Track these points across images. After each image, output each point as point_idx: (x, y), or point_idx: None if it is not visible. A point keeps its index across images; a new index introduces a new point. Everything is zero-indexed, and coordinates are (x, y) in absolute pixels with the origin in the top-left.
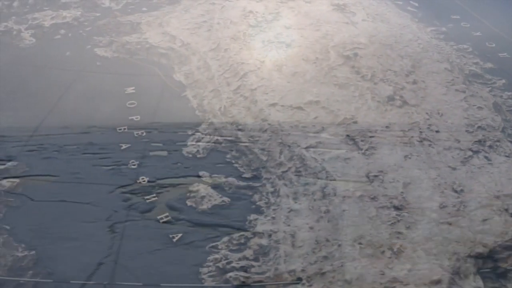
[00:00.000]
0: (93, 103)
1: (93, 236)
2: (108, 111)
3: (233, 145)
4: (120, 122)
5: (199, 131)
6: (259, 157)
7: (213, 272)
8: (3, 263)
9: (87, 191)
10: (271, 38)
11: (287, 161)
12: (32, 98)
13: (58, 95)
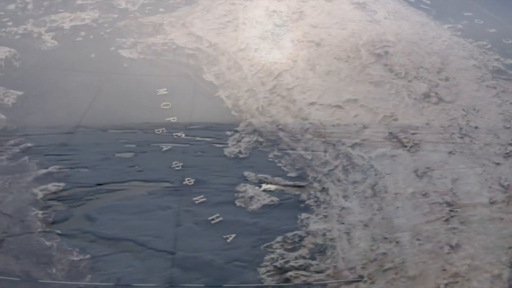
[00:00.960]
0: (127, 104)
1: (149, 237)
2: (143, 112)
3: (274, 145)
4: (157, 124)
5: (238, 131)
6: (303, 156)
7: (271, 271)
8: (60, 268)
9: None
10: (299, 37)
11: (333, 159)
12: (64, 101)
13: (91, 97)
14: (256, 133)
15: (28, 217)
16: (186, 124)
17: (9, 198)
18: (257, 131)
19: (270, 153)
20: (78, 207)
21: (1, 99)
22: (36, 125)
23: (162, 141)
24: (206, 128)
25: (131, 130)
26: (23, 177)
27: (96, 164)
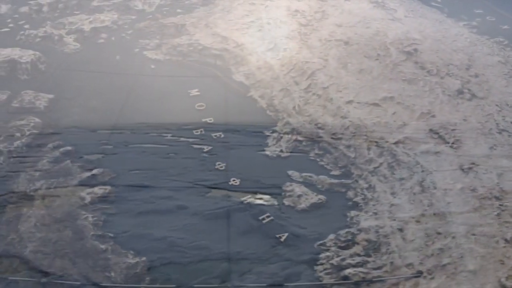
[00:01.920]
0: (161, 105)
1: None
2: (178, 113)
3: (314, 143)
4: (194, 124)
5: (277, 130)
6: (346, 154)
7: (328, 269)
8: (118, 271)
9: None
10: (326, 36)
11: (377, 157)
12: (96, 103)
13: (123, 99)
14: (295, 132)
15: (79, 220)
16: (223, 124)
17: (57, 202)
18: (296, 130)
19: (311, 152)
20: (128, 209)
21: (33, 102)
22: (72, 128)
23: (202, 142)
24: (243, 128)
25: (169, 131)
26: (68, 180)
27: (138, 166)
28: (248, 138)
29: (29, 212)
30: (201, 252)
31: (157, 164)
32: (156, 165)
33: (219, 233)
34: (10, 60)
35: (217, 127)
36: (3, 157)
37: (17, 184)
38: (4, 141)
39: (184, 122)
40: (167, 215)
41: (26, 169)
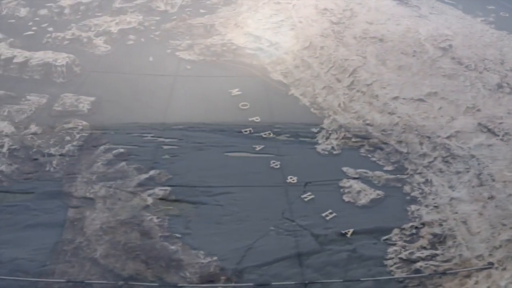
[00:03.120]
0: (204, 105)
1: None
2: (223, 113)
3: (364, 140)
4: (242, 124)
5: (324, 128)
6: (398, 149)
7: (399, 263)
8: (192, 271)
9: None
10: (360, 33)
11: (430, 151)
12: (139, 105)
13: (165, 100)
14: (343, 129)
15: (145, 222)
16: (271, 123)
17: (118, 205)
18: (344, 127)
19: (361, 148)
20: (189, 210)
21: (75, 105)
22: (120, 130)
23: (253, 141)
24: (290, 126)
25: (218, 130)
26: (126, 183)
27: (193, 166)
28: (296, 136)
29: (93, 215)
30: (271, 250)
31: (212, 164)
32: (211, 165)
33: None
34: (44, 63)
35: (264, 126)
36: (56, 160)
37: (75, 187)
38: (55, 144)
39: (231, 121)
40: (229, 215)
41: (82, 172)
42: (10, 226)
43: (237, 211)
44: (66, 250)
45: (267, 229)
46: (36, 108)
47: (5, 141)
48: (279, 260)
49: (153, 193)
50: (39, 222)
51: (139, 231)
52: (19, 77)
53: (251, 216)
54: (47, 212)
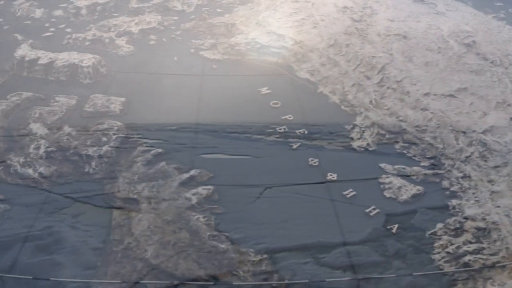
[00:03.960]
0: (235, 104)
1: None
2: (256, 111)
3: (398, 136)
4: (276, 122)
5: (357, 125)
6: (434, 145)
7: (446, 258)
8: (245, 269)
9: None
10: (383, 31)
11: (467, 146)
12: (169, 104)
13: (195, 100)
14: (376, 126)
15: (192, 221)
16: (304, 121)
17: (163, 204)
18: (377, 124)
19: (396, 145)
20: (234, 208)
21: (107, 106)
22: (156, 130)
23: (289, 139)
24: (323, 123)
25: (253, 129)
26: (168, 182)
27: (232, 165)
28: (330, 133)
29: (139, 216)
30: (320, 246)
31: (250, 162)
32: (249, 163)
33: (330, 228)
34: (70, 64)
35: (298, 124)
36: (95, 162)
37: (118, 188)
38: (92, 145)
39: (265, 120)
40: (273, 213)
41: (122, 173)
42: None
43: (280, 209)
44: (116, 251)
45: (314, 226)
46: (67, 109)
47: (41, 143)
48: (329, 257)
49: (197, 192)
50: (84, 223)
51: (187, 231)
52: (45, 79)
53: (295, 214)
54: (90, 213)
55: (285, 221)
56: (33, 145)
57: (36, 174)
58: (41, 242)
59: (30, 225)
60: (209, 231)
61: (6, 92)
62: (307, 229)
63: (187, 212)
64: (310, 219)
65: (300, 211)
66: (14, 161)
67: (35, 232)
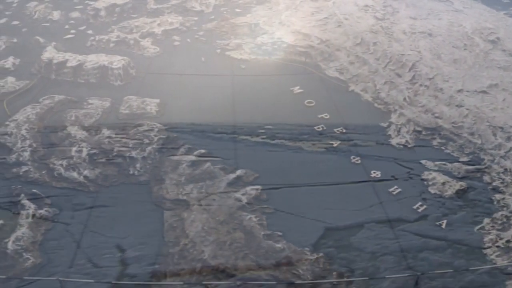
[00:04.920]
0: (271, 104)
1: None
2: (292, 110)
3: (435, 133)
4: (313, 121)
5: (393, 122)
6: (471, 140)
7: (497, 252)
8: (304, 268)
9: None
10: (408, 29)
11: (505, 141)
12: (203, 105)
13: (229, 100)
14: (412, 123)
15: (245, 222)
16: (340, 119)
17: (214, 205)
18: (412, 121)
19: (433, 141)
20: (283, 207)
21: (143, 108)
22: (194, 131)
23: (328, 138)
24: (359, 121)
25: (292, 127)
26: (216, 183)
27: (276, 165)
28: (367, 130)
29: (191, 217)
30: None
31: (292, 161)
32: (292, 163)
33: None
34: (100, 66)
35: (334, 122)
36: (139, 164)
37: (166, 190)
38: (135, 148)
39: (301, 119)
40: (320, 210)
41: (169, 175)
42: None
43: (329, 208)
44: (172, 252)
45: (365, 223)
46: (102, 111)
47: (83, 146)
48: (384, 254)
49: (246, 193)
50: (136, 225)
51: (241, 231)
52: (74, 81)
53: (344, 212)
54: (140, 216)
55: (335, 220)
56: (74, 148)
57: (81, 177)
58: (96, 245)
59: (81, 229)
60: (263, 230)
61: (36, 95)
62: (359, 227)
63: (238, 212)
64: (360, 217)
65: (349, 209)
66: (57, 164)
67: (88, 237)
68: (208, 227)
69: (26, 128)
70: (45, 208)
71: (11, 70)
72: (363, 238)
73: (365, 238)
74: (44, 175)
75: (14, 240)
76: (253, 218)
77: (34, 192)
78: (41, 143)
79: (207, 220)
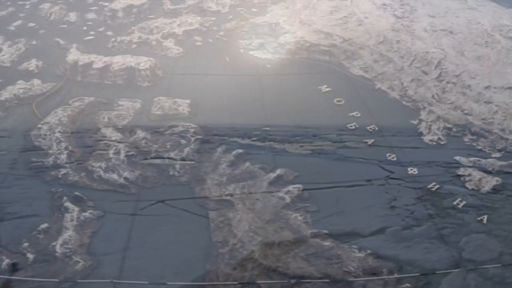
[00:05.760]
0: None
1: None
2: (323, 109)
3: (466, 129)
4: (345, 119)
5: (423, 119)
6: (503, 136)
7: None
8: (355, 265)
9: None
10: (428, 27)
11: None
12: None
13: (259, 100)
14: (442, 120)
15: (290, 220)
16: (371, 117)
17: (259, 204)
18: (442, 118)
19: (464, 137)
20: (326, 207)
21: (175, 108)
22: (228, 131)
23: (361, 136)
24: (389, 118)
25: (323, 126)
26: (257, 183)
27: (313, 163)
28: (398, 127)
29: (237, 217)
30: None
31: (328, 159)
32: (328, 161)
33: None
34: (127, 67)
35: (366, 120)
36: (179, 164)
37: (208, 190)
38: (172, 149)
39: (333, 117)
40: (362, 209)
41: (209, 175)
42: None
43: (372, 204)
44: (222, 252)
45: (407, 220)
46: (134, 113)
47: (120, 148)
48: (431, 250)
49: (288, 191)
50: (182, 227)
51: (289, 230)
52: (101, 83)
53: (386, 209)
54: (185, 217)
55: (378, 217)
56: (111, 150)
57: (122, 179)
58: (143, 249)
59: (128, 231)
60: (309, 229)
61: (65, 98)
62: (403, 223)
63: (283, 211)
64: (402, 214)
65: (391, 207)
66: (96, 166)
67: (135, 238)
68: (255, 226)
69: (59, 130)
70: (89, 211)
71: (35, 73)
72: (407, 234)
73: (409, 233)
74: (83, 177)
75: (61, 243)
76: (298, 216)
77: (76, 194)
78: (76, 145)
79: (253, 219)
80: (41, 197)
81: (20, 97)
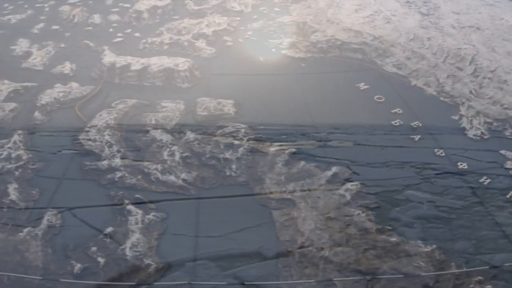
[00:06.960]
0: (342, 101)
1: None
2: (364, 108)
3: (506, 123)
4: (389, 116)
5: (463, 115)
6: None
7: None
8: (424, 260)
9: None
10: (455, 23)
11: None
12: (276, 104)
13: (301, 98)
14: (481, 115)
15: (354, 217)
16: (412, 113)
17: (321, 202)
18: (482, 113)
19: (505, 131)
20: (385, 203)
21: (220, 109)
22: (277, 131)
23: (407, 132)
24: (430, 114)
25: (368, 125)
26: (315, 181)
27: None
28: (441, 123)
29: (302, 215)
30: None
31: (381, 156)
32: (381, 159)
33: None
34: (165, 69)
35: (408, 117)
36: (235, 165)
37: (268, 190)
38: (226, 149)
39: (376, 115)
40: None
41: (267, 175)
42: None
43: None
44: (292, 251)
45: (466, 214)
46: (180, 114)
47: (174, 149)
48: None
49: (348, 189)
50: (247, 226)
51: (354, 227)
52: (140, 85)
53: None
54: (249, 216)
55: (437, 211)
56: (166, 152)
57: (180, 181)
58: (214, 247)
59: (193, 232)
60: (374, 225)
61: (105, 100)
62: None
63: (345, 208)
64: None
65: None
66: (152, 168)
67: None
68: (321, 224)
69: (108, 133)
70: (152, 213)
71: (71, 76)
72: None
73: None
74: (140, 180)
75: (130, 246)
76: (361, 213)
77: (137, 197)
78: (127, 147)
79: (317, 217)
80: (101, 200)
81: (60, 101)
